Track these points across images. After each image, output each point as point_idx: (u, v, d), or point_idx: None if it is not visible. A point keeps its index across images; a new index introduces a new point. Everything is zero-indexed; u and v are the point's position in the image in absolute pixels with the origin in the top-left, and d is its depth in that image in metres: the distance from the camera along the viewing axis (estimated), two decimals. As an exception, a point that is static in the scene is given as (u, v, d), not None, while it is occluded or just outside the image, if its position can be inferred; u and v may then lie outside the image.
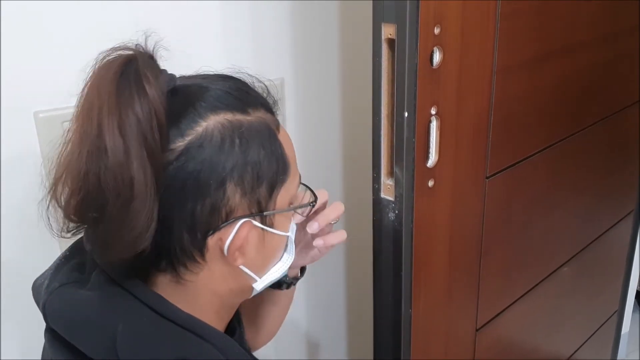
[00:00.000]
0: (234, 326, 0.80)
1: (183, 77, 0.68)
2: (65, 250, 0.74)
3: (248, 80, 0.72)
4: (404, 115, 0.86)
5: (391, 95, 0.87)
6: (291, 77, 1.24)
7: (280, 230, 0.71)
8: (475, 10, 0.90)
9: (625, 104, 1.38)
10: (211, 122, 0.63)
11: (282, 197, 0.69)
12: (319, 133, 1.34)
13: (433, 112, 0.89)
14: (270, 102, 0.71)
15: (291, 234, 0.74)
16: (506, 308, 1.25)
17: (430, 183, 0.94)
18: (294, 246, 0.76)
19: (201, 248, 0.66)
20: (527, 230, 1.23)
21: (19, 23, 0.93)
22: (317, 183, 0.79)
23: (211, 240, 0.65)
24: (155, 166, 0.59)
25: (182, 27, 1.07)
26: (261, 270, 0.72)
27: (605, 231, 1.52)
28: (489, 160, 1.04)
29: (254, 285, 0.72)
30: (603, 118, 1.31)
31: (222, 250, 0.66)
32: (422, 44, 0.82)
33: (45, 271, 0.70)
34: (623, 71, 1.34)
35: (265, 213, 0.67)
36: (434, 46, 0.84)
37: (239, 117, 0.64)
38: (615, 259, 1.68)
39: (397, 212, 0.93)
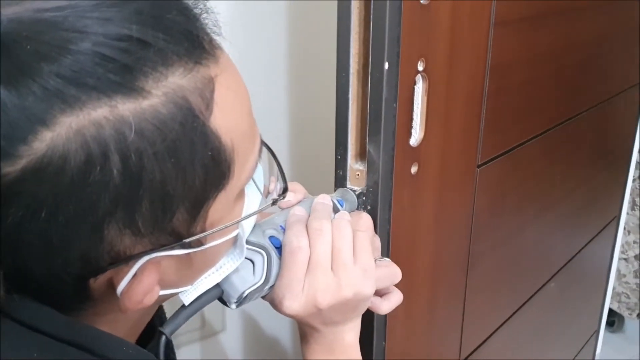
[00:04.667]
0: (154, 325, 0.55)
1: None
2: None
3: None
4: (383, 67, 0.61)
5: (364, 41, 0.63)
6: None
7: (219, 238, 0.46)
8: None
9: (624, 87, 1.20)
10: (64, 132, 0.33)
11: (222, 203, 0.43)
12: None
13: (420, 67, 0.65)
14: (209, 25, 0.42)
15: (241, 230, 0.48)
16: (493, 333, 1.02)
17: (414, 169, 0.70)
18: (244, 243, 0.50)
19: (79, 292, 0.42)
20: (518, 236, 1.00)
21: None
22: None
23: (95, 284, 0.41)
24: None
25: None
26: (190, 282, 0.48)
27: (589, 241, 1.32)
28: (482, 143, 0.81)
29: (182, 296, 0.49)
30: (601, 102, 1.11)
31: (115, 290, 0.42)
32: (409, -36, 0.58)
33: None
34: (625, 49, 1.16)
35: (186, 240, 0.42)
36: (424, -29, 0.61)
37: (124, 108, 0.35)
38: (596, 273, 1.49)
39: (369, 207, 0.68)
